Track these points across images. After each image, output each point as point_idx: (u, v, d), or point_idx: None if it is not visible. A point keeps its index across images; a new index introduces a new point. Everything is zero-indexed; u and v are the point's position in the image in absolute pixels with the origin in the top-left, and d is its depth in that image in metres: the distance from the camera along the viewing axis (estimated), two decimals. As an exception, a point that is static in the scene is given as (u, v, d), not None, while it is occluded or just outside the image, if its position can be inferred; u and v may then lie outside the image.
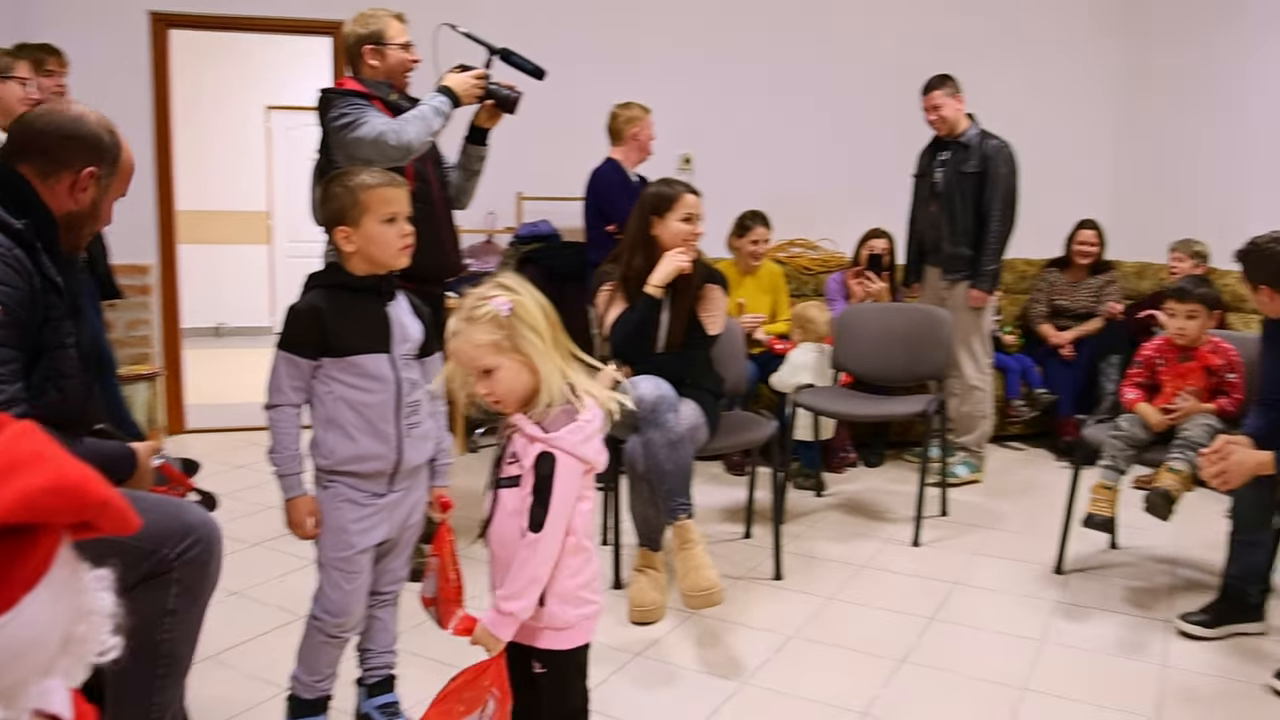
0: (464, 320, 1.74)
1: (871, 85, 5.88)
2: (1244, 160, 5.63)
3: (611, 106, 4.67)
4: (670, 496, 2.97)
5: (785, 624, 3.04)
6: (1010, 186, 4.50)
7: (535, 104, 3.60)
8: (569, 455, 1.74)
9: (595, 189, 4.54)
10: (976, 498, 4.43)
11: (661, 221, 3.22)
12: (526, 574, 1.73)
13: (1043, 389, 5.21)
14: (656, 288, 3.17)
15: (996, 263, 4.54)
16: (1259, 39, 5.52)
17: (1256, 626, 3.04)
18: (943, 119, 4.53)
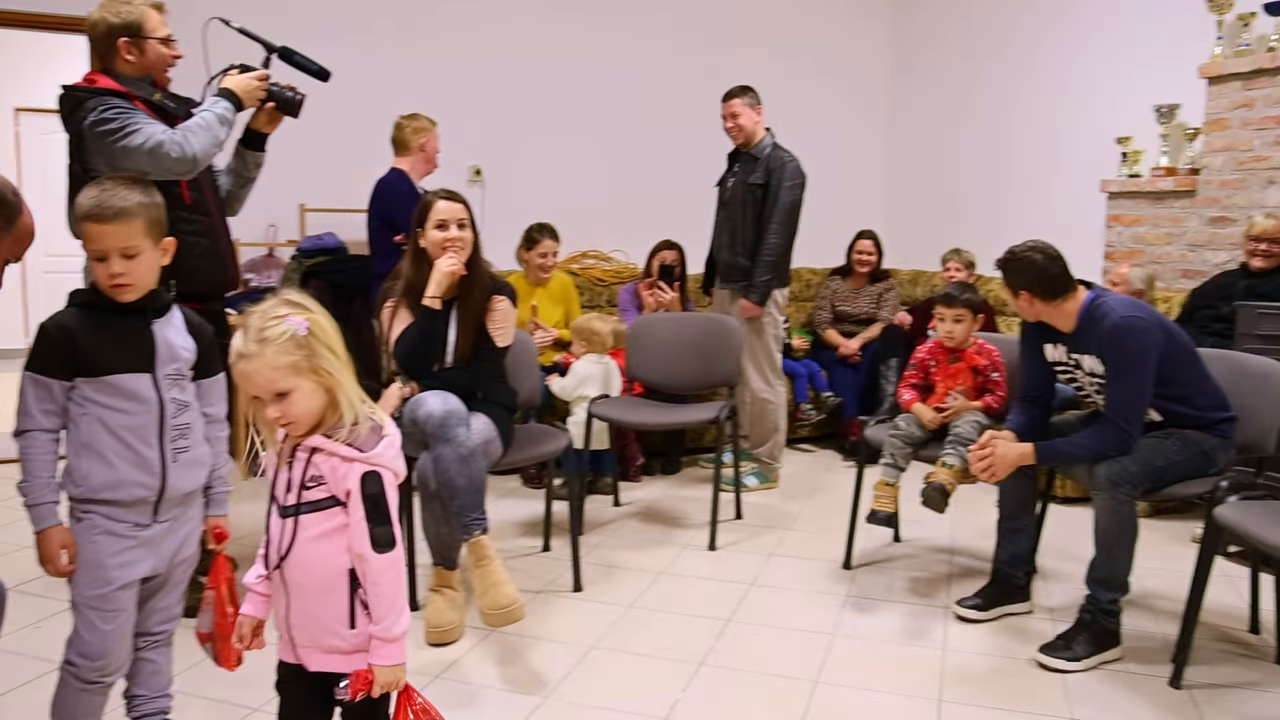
0: (255, 342, 1.64)
1: (663, 97, 6.00)
2: (1005, 174, 6.10)
3: (397, 117, 4.55)
4: (464, 513, 2.89)
5: (586, 635, 3.02)
6: (791, 201, 4.52)
7: (317, 110, 3.42)
8: (389, 470, 1.71)
9: (382, 198, 4.40)
10: (770, 500, 4.56)
11: (423, 232, 3.14)
12: (395, 595, 1.71)
13: (828, 393, 5.44)
14: (433, 299, 3.09)
15: (769, 275, 4.54)
16: (1020, 62, 6.01)
17: (1023, 606, 3.26)
18: (739, 127, 4.58)
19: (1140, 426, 2.88)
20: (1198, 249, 4.95)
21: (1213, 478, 2.91)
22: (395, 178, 4.43)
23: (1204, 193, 4.91)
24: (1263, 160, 4.64)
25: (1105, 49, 5.41)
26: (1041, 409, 3.21)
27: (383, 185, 4.43)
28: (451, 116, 4.92)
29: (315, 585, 1.71)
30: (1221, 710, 2.62)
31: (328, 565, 1.70)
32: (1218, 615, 3.25)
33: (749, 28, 6.27)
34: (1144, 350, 2.85)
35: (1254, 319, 3.83)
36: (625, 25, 5.88)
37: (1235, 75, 4.72)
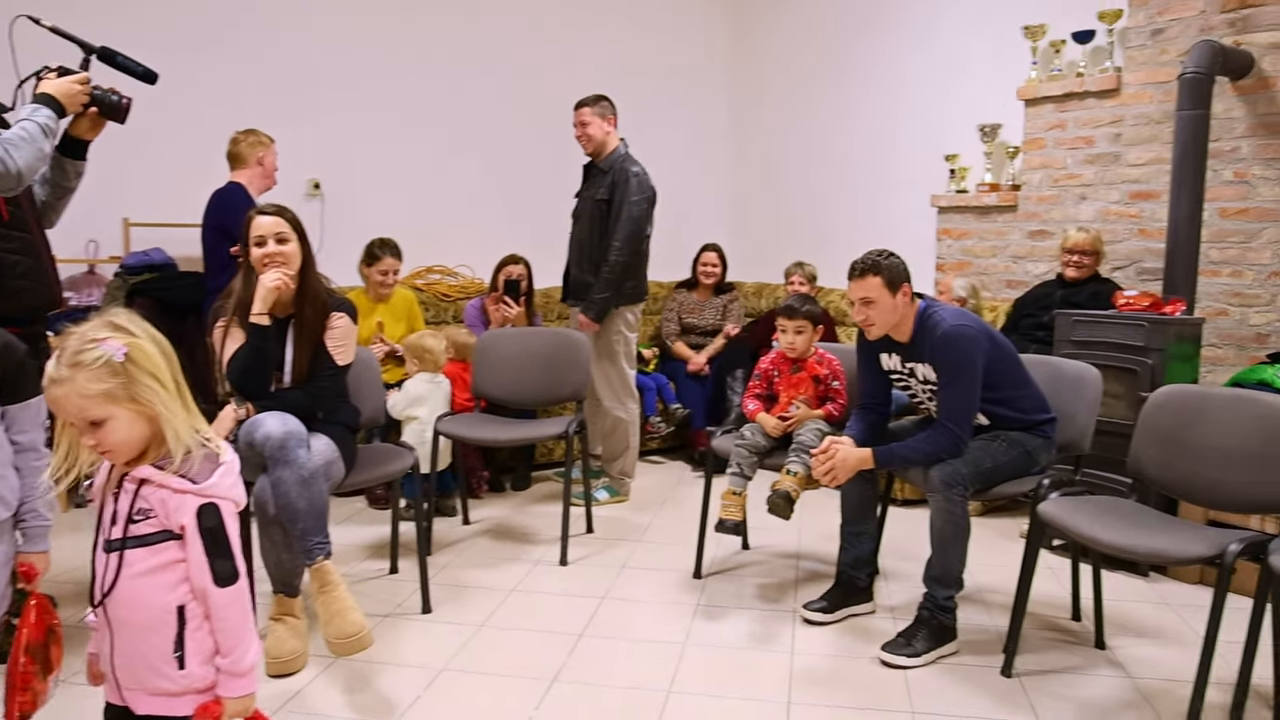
0: (68, 366, 1.53)
1: (509, 109, 5.96)
2: (842, 189, 6.32)
3: (233, 133, 4.37)
4: (306, 537, 2.78)
5: (436, 657, 2.95)
6: (634, 217, 4.43)
7: (144, 118, 3.23)
8: (228, 501, 1.64)
9: (218, 210, 4.20)
10: (621, 513, 4.57)
11: (249, 250, 3.03)
12: (243, 627, 1.65)
13: (677, 405, 5.50)
14: (260, 315, 2.97)
15: (608, 291, 4.47)
16: (856, 82, 6.23)
17: (866, 607, 3.36)
18: (589, 137, 4.54)
19: (970, 430, 3.01)
20: (1020, 260, 5.24)
21: (1036, 476, 3.08)
22: (233, 189, 4.26)
23: (1024, 208, 5.20)
24: (1075, 178, 4.95)
25: (935, 71, 5.68)
26: (879, 416, 3.33)
27: (219, 197, 4.25)
28: (289, 128, 4.76)
29: (141, 623, 1.62)
30: (1048, 694, 2.76)
31: (154, 603, 1.61)
32: (1044, 605, 3.43)
33: (595, 41, 6.30)
34: (972, 357, 2.99)
35: (1070, 326, 4.07)
36: (468, 36, 5.81)
37: (1049, 98, 5.03)
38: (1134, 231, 4.71)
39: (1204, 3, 4.40)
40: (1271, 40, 4.19)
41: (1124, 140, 4.75)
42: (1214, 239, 4.38)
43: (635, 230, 4.46)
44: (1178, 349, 3.79)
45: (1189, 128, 4.04)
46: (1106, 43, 4.80)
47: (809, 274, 5.54)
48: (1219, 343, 4.40)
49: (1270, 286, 4.26)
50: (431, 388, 4.31)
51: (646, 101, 6.44)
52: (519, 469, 5.02)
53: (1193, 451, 2.83)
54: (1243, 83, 4.28)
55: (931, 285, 5.54)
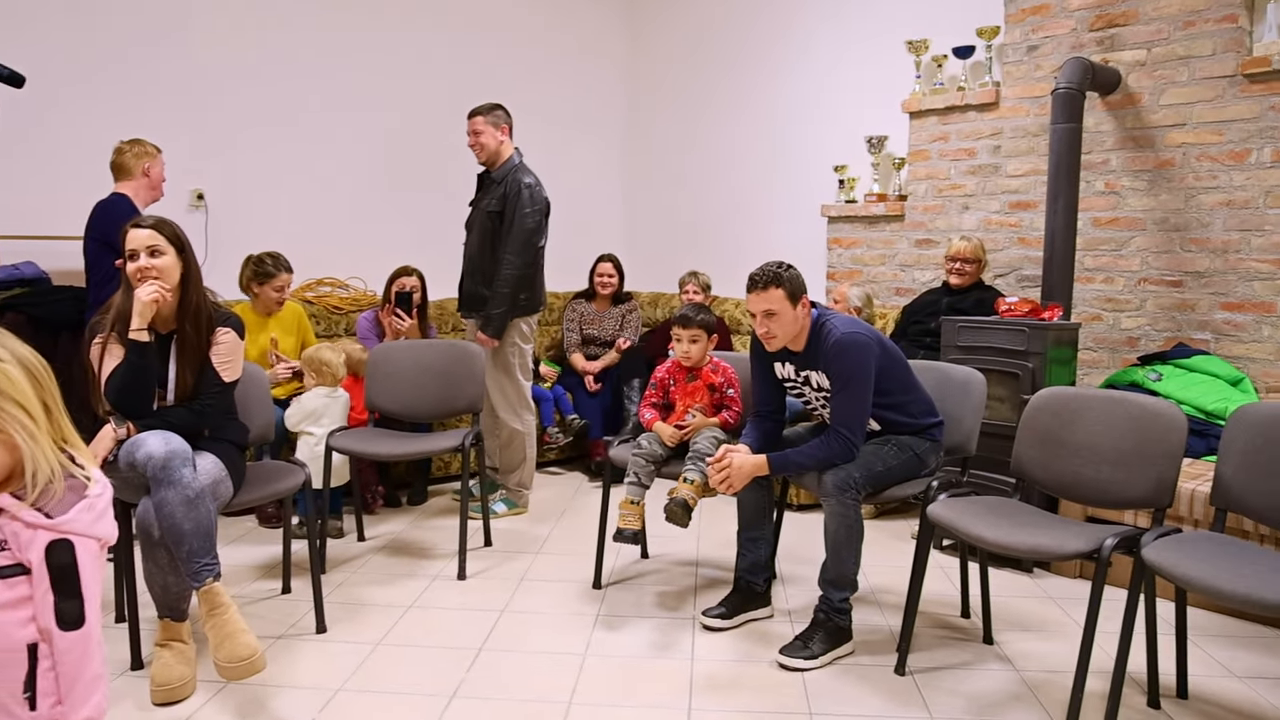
0: None
1: (400, 119, 5.87)
2: (734, 199, 6.40)
3: (117, 142, 4.20)
4: (193, 559, 2.68)
5: (331, 678, 2.88)
6: (527, 229, 4.38)
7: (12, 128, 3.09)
8: (86, 538, 1.53)
9: (102, 221, 4.01)
10: (519, 525, 4.53)
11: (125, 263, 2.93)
12: (88, 673, 1.55)
13: (574, 415, 5.49)
14: (138, 331, 2.86)
15: (504, 306, 4.42)
16: (745, 94, 6.33)
17: (764, 611, 3.40)
18: (482, 145, 4.48)
19: (863, 435, 3.08)
20: (908, 269, 5.39)
21: (925, 479, 3.16)
22: (116, 200, 4.09)
23: (911, 217, 5.35)
24: (958, 188, 5.12)
25: (822, 84, 5.81)
26: (774, 423, 3.38)
27: (102, 209, 4.07)
28: (170, 137, 4.60)
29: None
30: (940, 690, 2.84)
31: (5, 638, 1.51)
32: (935, 604, 3.52)
33: (488, 49, 6.27)
34: (864, 365, 3.05)
35: (955, 332, 4.20)
36: (356, 43, 5.71)
37: (932, 111, 5.19)
38: (1014, 240, 4.89)
39: (1074, 21, 4.61)
40: (1136, 58, 4.40)
41: (1003, 152, 4.93)
42: (1087, 247, 4.57)
43: (527, 243, 4.41)
44: (1056, 353, 3.95)
45: (1063, 140, 4.21)
46: (985, 58, 4.97)
47: (703, 283, 5.60)
48: (1094, 346, 4.60)
49: (1140, 292, 4.46)
50: (329, 402, 4.21)
51: (542, 111, 6.44)
52: (415, 483, 4.94)
53: (1071, 451, 2.95)
54: (1111, 98, 4.49)
55: (823, 294, 5.66)
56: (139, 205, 4.14)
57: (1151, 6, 4.34)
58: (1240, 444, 2.68)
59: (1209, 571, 2.33)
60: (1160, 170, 4.37)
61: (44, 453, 1.52)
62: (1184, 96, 4.27)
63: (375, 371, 4.20)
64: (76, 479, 1.56)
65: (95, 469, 1.61)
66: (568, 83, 6.74)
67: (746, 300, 3.17)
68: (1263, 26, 4.05)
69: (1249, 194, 4.11)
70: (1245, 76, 4.07)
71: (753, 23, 6.20)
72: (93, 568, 1.55)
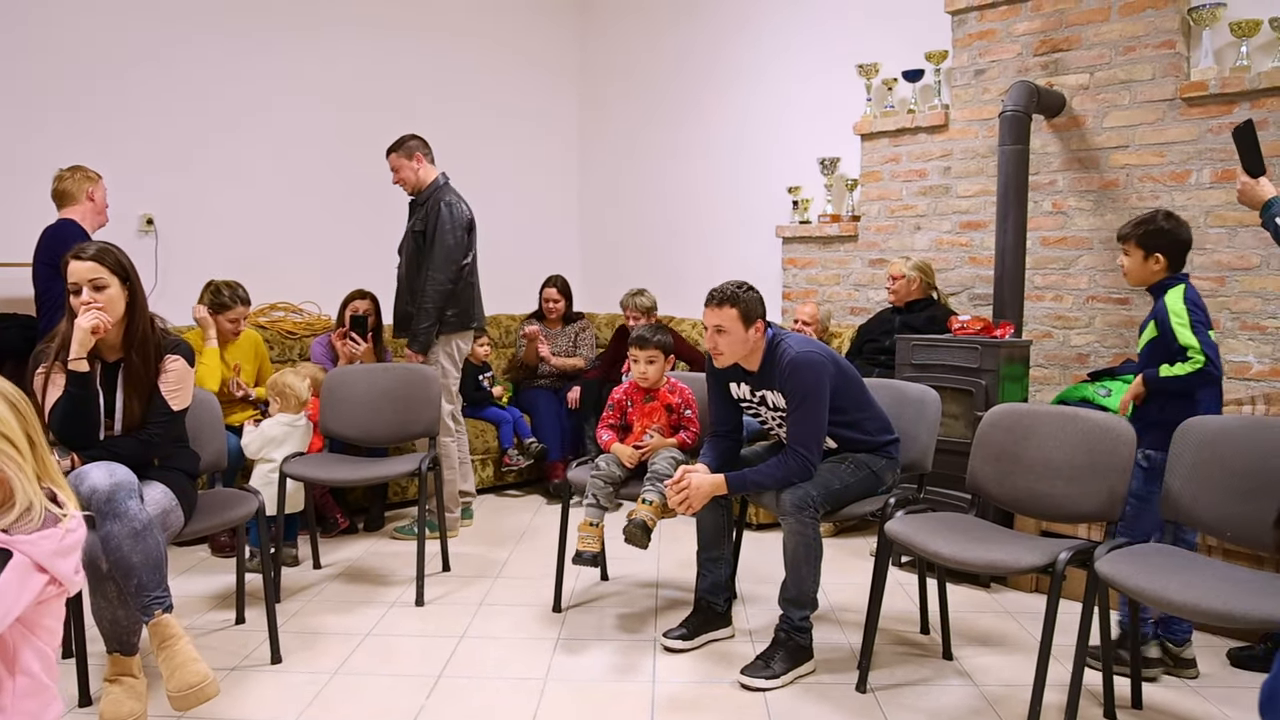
0: None
1: (353, 143, 5.83)
2: (689, 221, 6.44)
3: (57, 170, 4.13)
4: (142, 592, 2.62)
5: (287, 709, 2.83)
6: (449, 245, 4.41)
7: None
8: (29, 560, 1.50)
9: (50, 246, 3.95)
10: (477, 549, 4.50)
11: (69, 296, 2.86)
12: None
13: (532, 439, 5.47)
14: (77, 360, 2.79)
15: (428, 321, 4.42)
16: (699, 115, 6.38)
17: (725, 631, 3.40)
18: (403, 180, 4.57)
19: (820, 454, 3.09)
20: (861, 288, 5.45)
21: (883, 496, 3.19)
22: (64, 225, 4.02)
23: (864, 237, 5.41)
24: (910, 208, 5.19)
25: (776, 105, 5.87)
26: (732, 442, 3.39)
27: (51, 233, 4.01)
28: (118, 162, 4.55)
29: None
30: (901, 706, 2.85)
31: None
32: (894, 620, 3.54)
33: (439, 72, 6.27)
34: (819, 384, 3.08)
35: (910, 350, 4.25)
36: (308, 68, 5.68)
37: (883, 133, 5.27)
38: (965, 259, 4.97)
39: (1020, 46, 4.70)
40: (1079, 82, 4.50)
41: (953, 173, 5.01)
42: (1037, 265, 4.65)
43: (448, 259, 4.43)
44: (1009, 370, 4.00)
45: (1011, 162, 4.29)
46: (934, 81, 5.06)
47: (643, 306, 5.50)
48: (1045, 363, 4.67)
49: (1088, 310, 4.55)
50: (289, 429, 4.13)
51: (494, 135, 6.46)
52: (372, 509, 4.89)
53: (1024, 466, 2.99)
54: (1056, 120, 4.58)
55: (779, 314, 5.70)
56: (88, 229, 4.08)
57: (1093, 32, 4.45)
58: (1188, 457, 2.73)
59: (1160, 583, 2.37)
60: (1105, 190, 4.47)
61: (26, 485, 1.49)
62: (1126, 119, 4.38)
63: (330, 396, 4.16)
64: (52, 513, 1.53)
65: (74, 508, 1.58)
66: (521, 112, 6.75)
67: (703, 314, 3.19)
68: (1199, 52, 4.16)
69: (1190, 213, 4.20)
70: (1184, 100, 4.18)
71: (705, 46, 6.26)
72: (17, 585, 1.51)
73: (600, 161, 7.04)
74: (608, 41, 6.93)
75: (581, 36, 7.07)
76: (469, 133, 5.77)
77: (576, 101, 7.09)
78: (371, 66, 5.95)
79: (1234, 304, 4.10)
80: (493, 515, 5.09)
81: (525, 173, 6.70)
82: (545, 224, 6.84)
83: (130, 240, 4.85)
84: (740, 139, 6.09)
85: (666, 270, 6.41)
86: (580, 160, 7.13)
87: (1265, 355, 4.02)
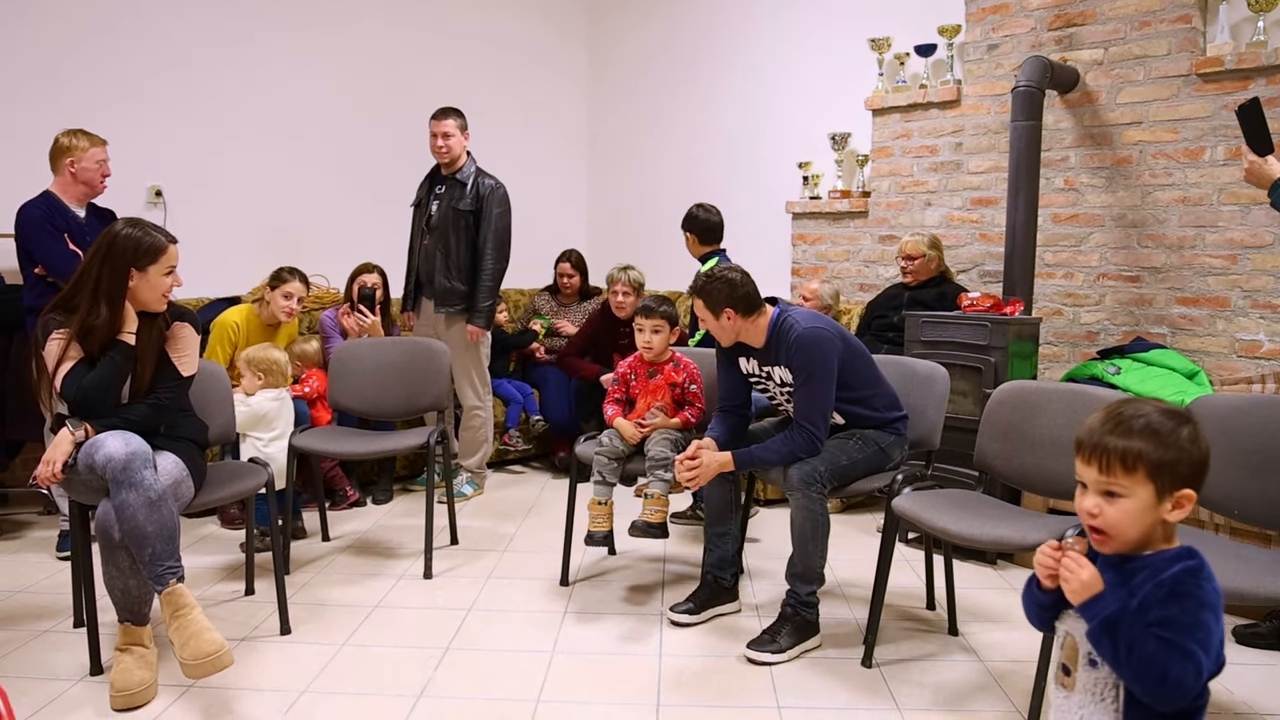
0: None
1: (362, 115, 5.82)
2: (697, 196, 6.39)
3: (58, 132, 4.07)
4: (156, 561, 2.64)
5: (296, 680, 2.85)
6: (503, 226, 4.71)
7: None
8: None
9: (17, 226, 3.87)
10: (485, 523, 4.52)
11: (143, 275, 2.86)
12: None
13: (538, 417, 5.49)
14: (130, 334, 2.84)
15: (491, 299, 4.73)
16: (707, 91, 6.34)
17: (732, 606, 3.41)
18: (449, 147, 4.66)
19: (826, 429, 3.10)
20: (871, 265, 5.43)
21: (890, 472, 3.19)
22: (32, 205, 3.89)
23: (874, 213, 5.39)
24: (921, 184, 5.16)
25: (787, 80, 5.84)
26: (740, 418, 3.39)
27: (19, 214, 3.88)
28: (127, 132, 4.54)
29: None
30: (906, 681, 2.86)
31: None
32: (901, 596, 3.55)
33: (450, 48, 6.24)
34: (826, 359, 3.07)
35: (919, 327, 4.24)
36: (322, 39, 5.66)
37: (895, 108, 5.23)
38: (975, 236, 4.95)
39: (1034, 21, 4.66)
40: (1093, 57, 4.46)
41: (965, 149, 4.97)
42: (1048, 243, 4.63)
43: (504, 240, 4.73)
44: (1018, 347, 3.99)
45: (1023, 138, 4.26)
46: (947, 56, 5.02)
47: (635, 281, 5.33)
48: (1055, 341, 4.66)
49: (1099, 287, 4.53)
50: (278, 405, 4.08)
51: (506, 110, 6.44)
52: (380, 481, 4.91)
53: (1032, 444, 2.98)
54: (1070, 96, 4.55)
55: (788, 289, 5.68)
56: (69, 202, 3.95)
57: (1108, 6, 4.40)
58: (1197, 435, 2.72)
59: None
60: (1118, 167, 4.44)
61: None
62: (1140, 95, 4.34)
63: (339, 370, 4.16)
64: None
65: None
66: (531, 82, 6.73)
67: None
68: (1215, 27, 4.12)
69: (1203, 191, 4.18)
70: (1199, 76, 4.14)
71: (717, 21, 6.22)
72: None
73: (609, 138, 7.01)
74: (618, 15, 6.88)
75: (591, 10, 7.02)
76: (478, 108, 5.72)
77: (586, 76, 7.05)
78: (386, 37, 5.92)
79: (1245, 282, 4.08)
80: (500, 489, 5.11)
81: (533, 150, 6.68)
82: (553, 202, 6.82)
83: (139, 211, 4.83)
84: (750, 114, 6.06)
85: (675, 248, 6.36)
86: (589, 137, 7.10)
87: (1276, 334, 4.00)
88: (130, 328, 2.85)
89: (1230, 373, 4.11)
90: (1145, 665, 1.33)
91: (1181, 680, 1.30)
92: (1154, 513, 1.45)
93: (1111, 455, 1.47)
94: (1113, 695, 1.45)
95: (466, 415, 4.85)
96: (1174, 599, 1.35)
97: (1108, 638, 1.39)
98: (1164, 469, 1.44)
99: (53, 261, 3.79)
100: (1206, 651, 1.32)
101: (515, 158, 6.24)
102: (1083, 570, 1.48)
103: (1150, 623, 1.35)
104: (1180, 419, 1.47)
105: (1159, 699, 1.35)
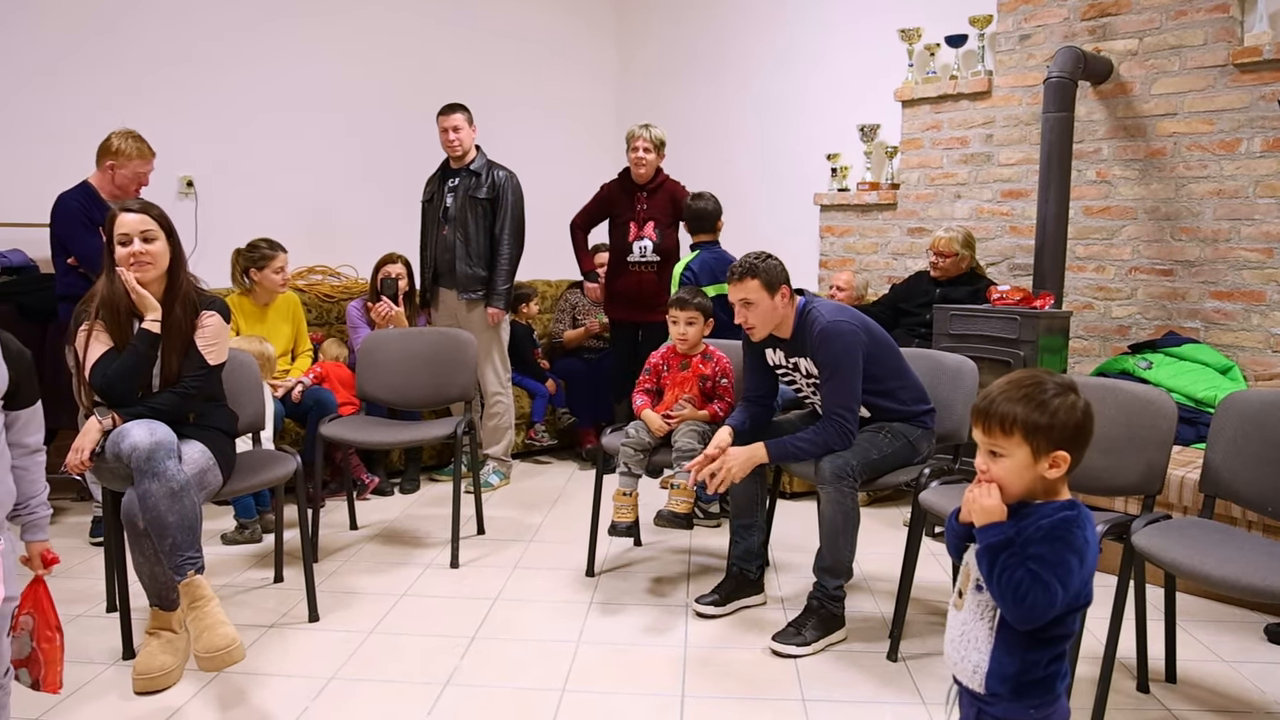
0: None
1: (392, 109, 5.85)
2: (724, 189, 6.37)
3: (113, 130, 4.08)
4: (176, 552, 2.65)
5: (323, 667, 2.88)
6: (519, 214, 4.86)
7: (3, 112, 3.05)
8: None
9: (53, 217, 3.95)
10: (511, 513, 4.54)
11: (113, 247, 2.88)
12: None
13: (564, 409, 5.52)
14: (153, 321, 2.86)
15: (509, 283, 4.87)
16: (736, 84, 6.31)
17: (757, 599, 3.41)
18: (460, 140, 4.76)
19: (856, 421, 3.08)
20: (899, 257, 5.39)
21: (917, 466, 3.17)
22: (70, 196, 3.96)
23: (903, 205, 5.35)
24: (950, 176, 5.12)
25: (816, 72, 5.80)
26: (762, 409, 3.38)
27: (56, 203, 3.96)
28: (160, 124, 4.57)
29: None
30: (932, 676, 2.85)
31: None
32: (927, 590, 3.53)
33: (477, 40, 6.25)
34: (851, 351, 3.06)
35: (947, 320, 4.21)
36: (351, 31, 5.68)
37: (925, 100, 5.19)
38: (1006, 229, 4.90)
39: (1067, 10, 4.61)
40: (1128, 47, 4.41)
41: (995, 141, 4.93)
42: (1079, 236, 4.59)
43: (520, 227, 4.86)
44: (1048, 341, 3.96)
45: (1055, 129, 4.22)
46: (978, 47, 4.98)
47: (657, 139, 5.08)
48: (1085, 335, 4.61)
49: (1130, 281, 4.48)
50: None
51: (534, 103, 6.44)
52: (408, 471, 4.95)
53: (1062, 438, 2.95)
54: (1103, 87, 4.49)
55: (815, 282, 5.66)
56: (106, 196, 3.99)
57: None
58: (1229, 431, 2.69)
59: (1197, 558, 2.34)
60: (1151, 159, 4.38)
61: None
62: (1175, 86, 4.28)
63: (367, 360, 4.19)
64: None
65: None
66: (558, 74, 6.73)
67: (729, 293, 3.18)
68: (1253, 16, 4.06)
69: (1239, 183, 4.12)
70: (1236, 66, 4.08)
71: (746, 11, 6.19)
72: None
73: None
74: (647, 6, 6.86)
75: (619, 7, 7.00)
76: (506, 100, 5.76)
77: (614, 67, 7.04)
78: (413, 34, 5.94)
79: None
80: (527, 479, 5.12)
81: (562, 143, 6.68)
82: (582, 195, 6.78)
83: (170, 202, 4.90)
84: (779, 106, 6.03)
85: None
86: (617, 128, 7.08)
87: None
88: (154, 315, 2.88)
89: (1265, 368, 4.05)
90: (1010, 588, 1.57)
91: (1035, 604, 1.55)
92: (1032, 470, 1.64)
93: (993, 419, 1.67)
94: (990, 615, 1.66)
95: (489, 403, 4.93)
96: (1047, 540, 1.59)
97: (988, 559, 1.62)
98: (1039, 432, 1.63)
99: (87, 254, 3.84)
100: (1065, 587, 1.56)
101: (542, 151, 6.26)
102: (988, 499, 1.66)
103: (1026, 556, 1.58)
104: (1061, 389, 1.66)
105: (1017, 618, 1.58)
